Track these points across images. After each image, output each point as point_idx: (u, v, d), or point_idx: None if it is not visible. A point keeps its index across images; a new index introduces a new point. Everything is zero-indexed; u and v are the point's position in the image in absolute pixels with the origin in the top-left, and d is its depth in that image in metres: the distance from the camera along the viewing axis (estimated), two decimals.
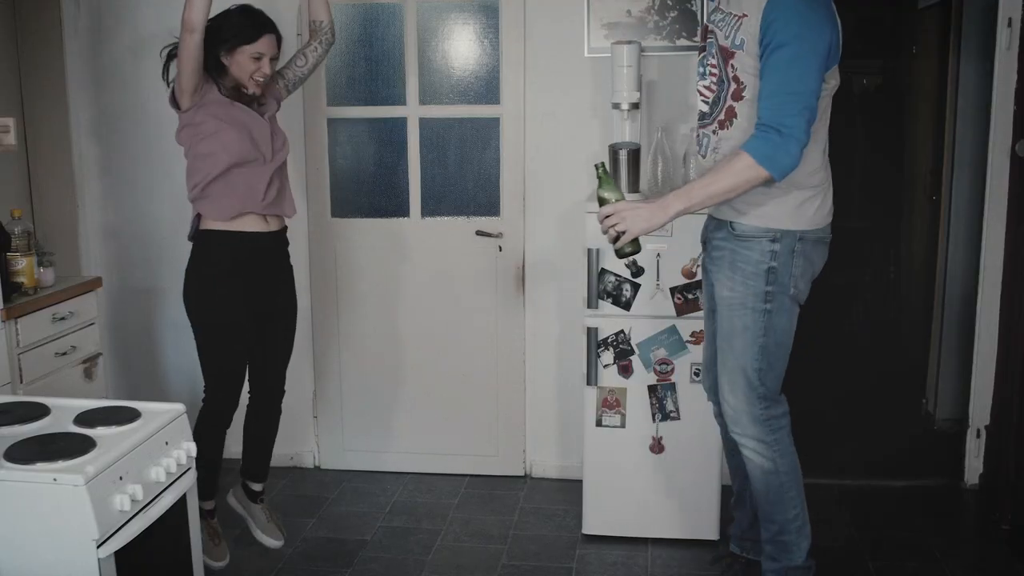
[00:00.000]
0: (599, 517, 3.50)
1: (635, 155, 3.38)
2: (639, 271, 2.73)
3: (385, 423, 4.11)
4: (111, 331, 4.11)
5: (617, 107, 3.43)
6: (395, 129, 3.93)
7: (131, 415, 2.38)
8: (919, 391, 4.75)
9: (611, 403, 3.40)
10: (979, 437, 3.87)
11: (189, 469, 2.43)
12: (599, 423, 3.42)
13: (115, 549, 2.08)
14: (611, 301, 3.34)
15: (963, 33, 4.34)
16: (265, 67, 3.01)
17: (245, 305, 3.10)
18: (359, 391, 4.11)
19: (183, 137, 3.04)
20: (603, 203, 2.59)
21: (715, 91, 2.62)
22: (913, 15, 5.35)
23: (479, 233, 3.91)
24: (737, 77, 2.53)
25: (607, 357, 3.37)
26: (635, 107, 3.43)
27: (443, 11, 3.83)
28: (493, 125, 3.88)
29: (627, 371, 3.37)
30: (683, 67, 3.69)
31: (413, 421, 4.09)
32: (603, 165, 2.62)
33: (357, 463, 4.14)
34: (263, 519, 3.33)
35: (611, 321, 3.35)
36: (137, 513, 2.18)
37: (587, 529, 3.52)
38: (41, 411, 2.41)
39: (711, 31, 2.65)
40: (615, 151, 3.39)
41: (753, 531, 3.03)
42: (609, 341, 3.36)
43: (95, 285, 3.68)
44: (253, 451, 3.37)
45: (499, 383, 4.02)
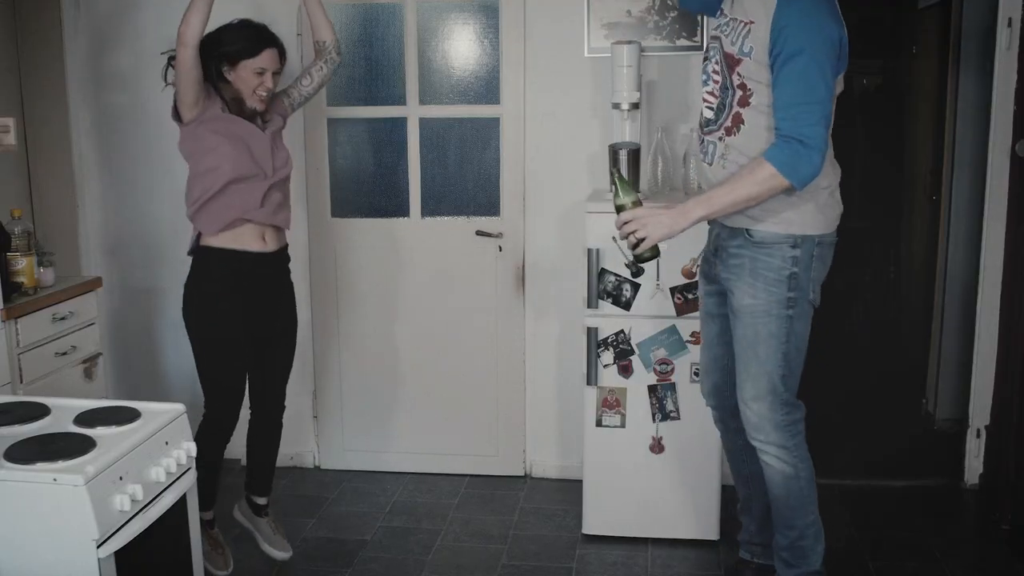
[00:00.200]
0: (599, 517, 3.50)
1: (635, 155, 3.38)
2: (639, 271, 2.72)
3: (385, 423, 4.11)
4: (111, 331, 4.11)
5: (617, 107, 3.43)
6: (395, 129, 3.93)
7: (131, 415, 2.38)
8: (919, 391, 4.75)
9: (611, 403, 3.40)
10: (979, 437, 3.87)
11: (189, 469, 2.43)
12: (599, 423, 3.42)
13: (115, 549, 2.08)
14: (611, 301, 3.34)
15: (963, 33, 4.33)
16: (268, 81, 2.98)
17: (244, 324, 3.06)
18: (359, 391, 4.11)
19: (183, 151, 3.01)
20: (620, 210, 2.56)
21: (719, 97, 2.58)
22: (913, 15, 5.35)
23: (479, 233, 3.91)
24: (744, 84, 2.50)
25: (607, 357, 3.37)
26: (635, 107, 3.43)
27: (443, 11, 3.83)
28: (493, 125, 3.88)
29: (627, 371, 3.37)
30: (683, 67, 3.69)
31: (413, 421, 4.09)
32: (619, 171, 2.61)
33: (357, 463, 4.14)
34: (269, 532, 3.33)
35: (611, 321, 3.35)
36: (137, 513, 2.18)
37: (587, 529, 3.52)
38: (41, 411, 2.41)
39: (715, 36, 2.61)
40: (615, 151, 3.39)
41: (762, 535, 3.02)
42: (609, 341, 3.36)
43: (95, 285, 3.68)
44: (256, 466, 3.35)
45: (499, 383, 4.02)
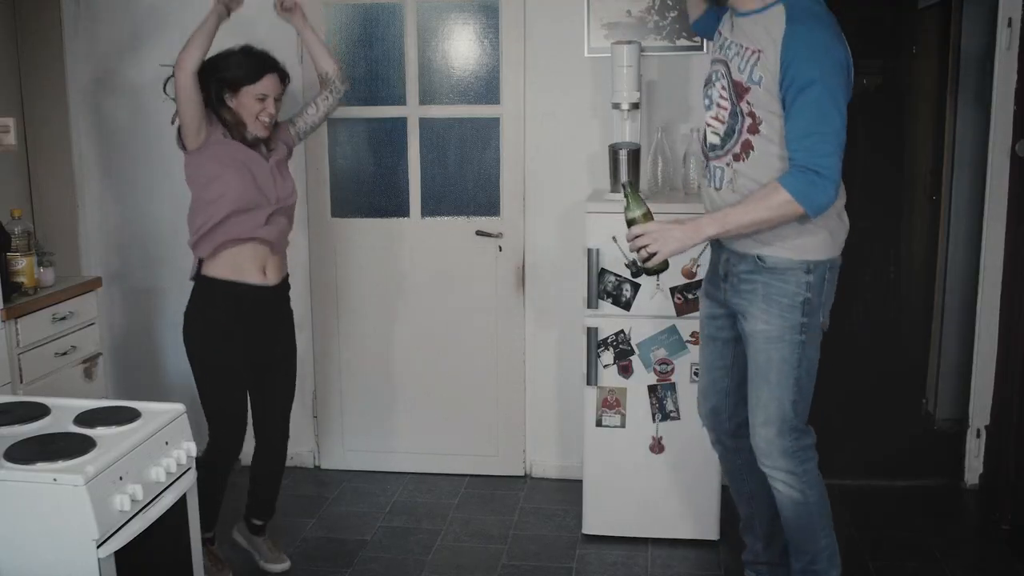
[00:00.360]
0: (599, 517, 3.50)
1: (635, 155, 3.38)
2: (639, 271, 2.71)
3: (385, 423, 4.11)
4: (111, 331, 4.11)
5: (617, 107, 3.43)
6: (395, 129, 3.93)
7: (131, 415, 2.38)
8: (919, 391, 4.75)
9: (611, 403, 3.40)
10: (979, 437, 3.87)
11: (189, 469, 2.43)
12: (599, 423, 3.42)
13: (115, 549, 2.08)
14: (611, 301, 3.34)
15: (963, 33, 4.34)
16: (270, 107, 2.96)
17: (244, 353, 3.05)
18: (359, 391, 4.11)
19: (187, 177, 3.00)
20: (631, 223, 2.56)
21: (727, 123, 2.55)
22: (913, 15, 5.35)
23: (479, 233, 3.91)
24: (753, 113, 2.47)
25: (607, 357, 3.37)
26: (635, 107, 3.43)
27: (443, 11, 3.83)
28: (493, 125, 3.88)
29: (627, 371, 3.37)
30: (683, 67, 3.69)
31: (413, 421, 4.09)
32: (630, 184, 2.60)
33: (357, 463, 4.14)
34: (266, 550, 3.31)
35: (611, 321, 3.35)
36: (137, 513, 2.18)
37: (587, 529, 3.52)
38: (41, 411, 2.41)
39: (719, 60, 2.58)
40: (615, 151, 3.39)
41: (768, 554, 3.00)
42: (609, 341, 3.36)
43: (95, 285, 3.68)
44: (258, 492, 3.32)
45: (499, 383, 4.02)
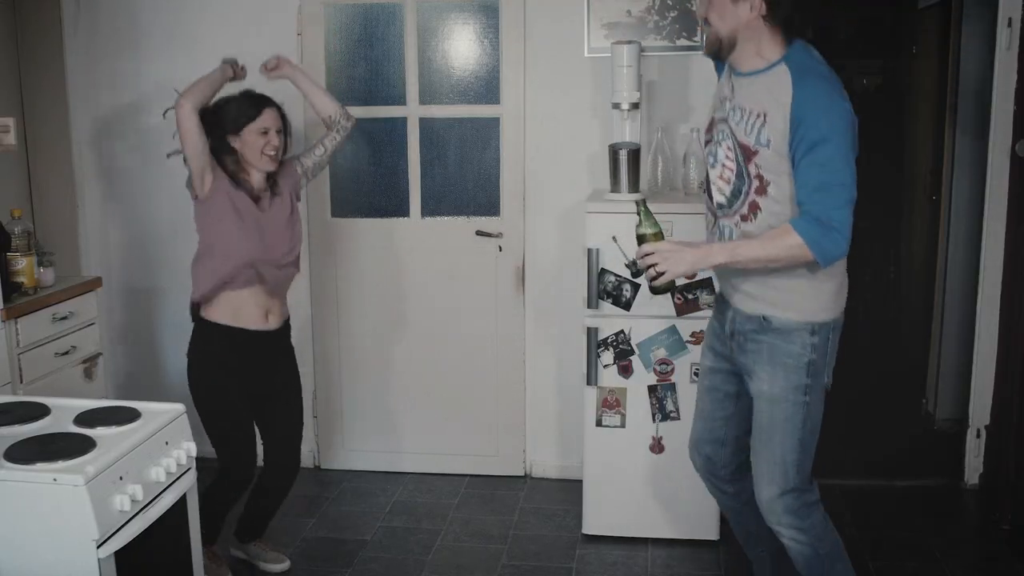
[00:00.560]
0: (599, 517, 3.50)
1: (635, 155, 3.38)
2: (639, 271, 2.71)
3: (385, 423, 4.11)
4: (111, 331, 4.11)
5: (617, 107, 3.43)
6: (395, 129, 3.93)
7: (131, 415, 2.38)
8: (919, 391, 4.75)
9: (611, 403, 3.40)
10: (979, 437, 3.87)
11: (189, 469, 2.43)
12: (599, 423, 3.42)
13: (115, 549, 2.08)
14: (611, 301, 3.34)
15: (963, 33, 4.34)
16: (273, 139, 3.00)
17: (241, 385, 3.06)
18: (359, 391, 4.10)
19: (197, 226, 3.03)
20: (641, 240, 2.56)
21: (733, 184, 2.54)
22: (913, 15, 5.35)
23: (479, 233, 3.91)
24: (761, 175, 2.46)
25: (607, 357, 3.37)
26: (635, 107, 3.43)
27: (443, 11, 3.83)
28: (493, 125, 3.88)
29: (627, 371, 3.37)
30: (683, 67, 3.69)
31: (413, 421, 4.09)
32: (643, 202, 2.60)
33: (357, 463, 4.14)
34: (261, 552, 3.30)
35: (611, 321, 3.35)
36: (137, 513, 2.18)
37: (587, 529, 3.52)
38: (41, 411, 2.41)
39: (722, 119, 2.56)
40: (615, 151, 3.39)
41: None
42: (609, 341, 3.36)
43: (95, 285, 3.68)
44: (255, 517, 3.30)
45: (499, 383, 4.02)
